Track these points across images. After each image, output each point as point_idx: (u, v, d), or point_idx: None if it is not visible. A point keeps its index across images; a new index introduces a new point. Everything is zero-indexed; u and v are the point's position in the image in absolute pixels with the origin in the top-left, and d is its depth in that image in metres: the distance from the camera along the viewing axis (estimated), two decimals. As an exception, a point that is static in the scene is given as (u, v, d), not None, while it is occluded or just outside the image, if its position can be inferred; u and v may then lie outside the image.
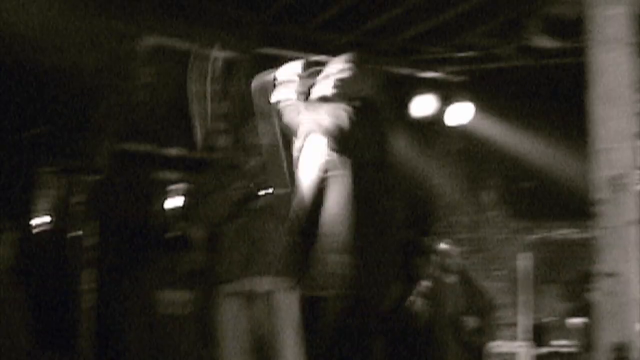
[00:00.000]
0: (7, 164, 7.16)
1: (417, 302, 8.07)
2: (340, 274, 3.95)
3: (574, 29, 7.84)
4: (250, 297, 6.53)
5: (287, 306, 5.53)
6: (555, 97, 9.49)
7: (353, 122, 4.02)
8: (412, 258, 9.33)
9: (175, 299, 6.99)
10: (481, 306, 8.12)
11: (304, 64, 4.22)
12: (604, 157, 5.25)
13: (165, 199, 7.66)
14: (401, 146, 9.63)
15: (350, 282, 3.95)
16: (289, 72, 4.24)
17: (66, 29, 6.53)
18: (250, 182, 5.48)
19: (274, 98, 4.23)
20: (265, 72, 4.32)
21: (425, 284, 8.18)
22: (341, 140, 3.99)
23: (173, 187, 7.66)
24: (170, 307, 6.94)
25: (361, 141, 4.03)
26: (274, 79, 4.25)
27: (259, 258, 6.49)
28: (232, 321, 6.80)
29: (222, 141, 4.30)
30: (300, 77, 4.23)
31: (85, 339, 7.09)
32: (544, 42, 8.24)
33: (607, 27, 5.29)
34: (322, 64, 4.31)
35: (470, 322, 7.97)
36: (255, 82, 4.33)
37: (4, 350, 6.19)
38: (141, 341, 6.78)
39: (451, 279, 8.09)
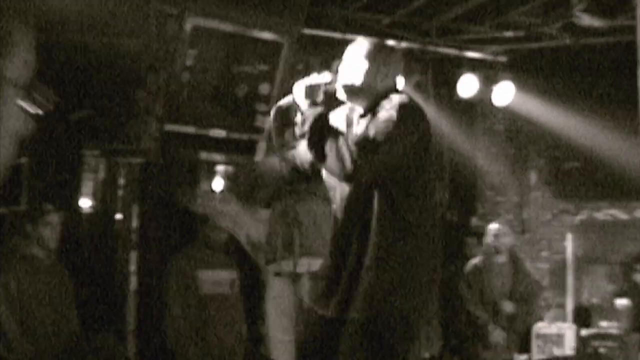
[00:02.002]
0: (53, 146, 7.21)
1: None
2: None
3: (619, 7, 7.76)
4: (294, 277, 6.57)
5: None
6: (600, 76, 9.41)
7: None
8: (460, 238, 9.33)
9: (219, 278, 7.02)
10: (528, 287, 8.09)
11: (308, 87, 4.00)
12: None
13: (210, 180, 7.69)
14: (446, 127, 9.60)
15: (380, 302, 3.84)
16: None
17: (111, 11, 6.53)
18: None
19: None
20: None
21: (473, 262, 8.17)
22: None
23: (218, 168, 7.70)
24: (214, 287, 6.97)
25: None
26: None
27: (301, 240, 6.52)
28: (277, 300, 6.85)
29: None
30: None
31: (132, 321, 7.15)
32: (589, 20, 8.14)
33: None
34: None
35: (509, 307, 7.94)
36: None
37: (52, 332, 6.25)
38: (185, 320, 6.82)
39: (501, 258, 8.07)
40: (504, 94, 9.04)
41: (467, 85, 8.91)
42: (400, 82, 4.12)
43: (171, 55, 6.86)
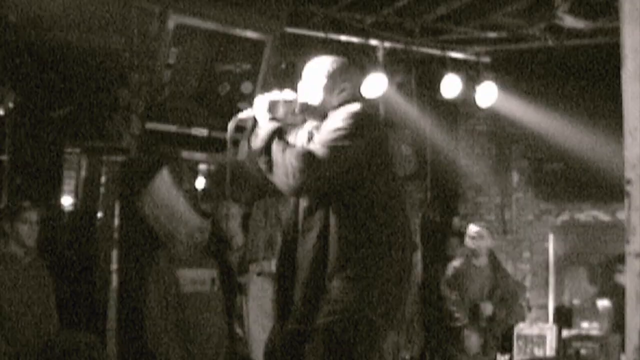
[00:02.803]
0: (34, 144, 7.18)
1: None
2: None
3: (602, 9, 7.78)
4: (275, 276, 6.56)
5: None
6: (583, 78, 9.43)
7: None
8: (442, 238, 9.34)
9: (199, 277, 6.99)
10: (508, 289, 8.11)
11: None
12: (636, 136, 5.18)
13: (192, 178, 7.67)
14: (428, 127, 9.61)
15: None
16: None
17: (93, 8, 6.51)
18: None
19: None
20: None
21: (453, 265, 8.18)
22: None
23: (200, 167, 7.68)
24: (194, 286, 6.95)
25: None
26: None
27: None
28: (257, 299, 6.85)
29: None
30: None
31: (112, 319, 7.12)
32: (572, 22, 8.15)
33: (639, 4, 5.21)
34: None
35: (489, 308, 7.95)
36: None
37: (31, 330, 6.22)
38: (166, 319, 6.79)
39: (480, 261, 8.07)
40: (487, 94, 9.05)
41: (450, 86, 8.91)
42: (358, 94, 4.16)
43: (153, 53, 6.84)
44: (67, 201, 7.64)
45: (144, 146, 7.06)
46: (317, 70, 4.08)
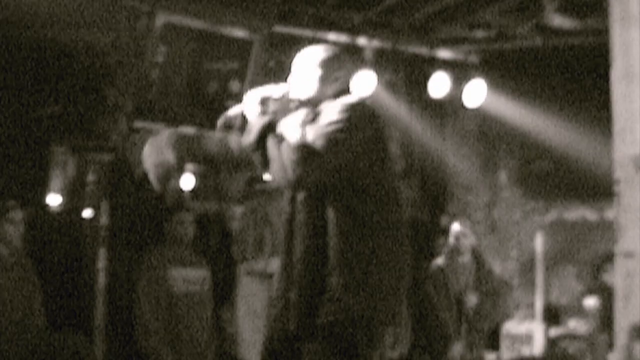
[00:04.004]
0: (20, 142, 7.15)
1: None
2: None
3: (590, 8, 7.79)
4: (265, 277, 6.55)
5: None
6: (571, 77, 9.44)
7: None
8: (427, 238, 9.34)
9: (190, 276, 6.98)
10: (491, 284, 8.11)
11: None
12: (625, 135, 5.18)
13: (180, 177, 7.65)
14: (417, 126, 9.61)
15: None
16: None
17: (80, 6, 6.49)
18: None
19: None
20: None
21: (437, 263, 8.18)
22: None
23: (187, 166, 7.65)
24: (185, 285, 6.93)
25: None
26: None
27: (272, 239, 6.50)
28: (247, 299, 6.84)
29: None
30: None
31: (100, 318, 7.10)
32: (560, 21, 8.16)
33: (629, 4, 5.21)
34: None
35: (473, 300, 7.95)
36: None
37: (18, 330, 6.19)
38: (155, 319, 6.77)
39: (464, 258, 8.07)
40: (475, 93, 9.05)
41: (439, 85, 8.91)
42: (352, 83, 4.11)
43: (141, 52, 6.82)
44: (53, 200, 7.60)
45: (131, 145, 7.04)
46: (309, 61, 4.01)
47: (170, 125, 7.15)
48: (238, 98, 7.11)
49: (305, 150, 3.68)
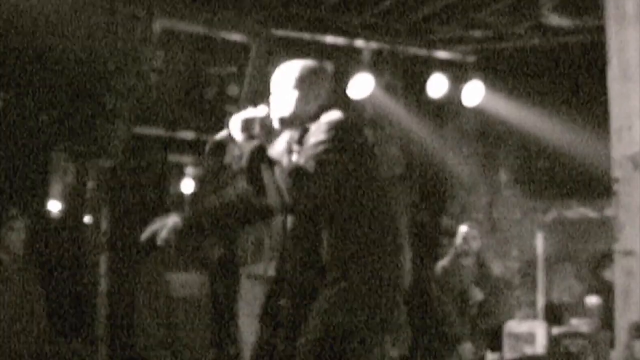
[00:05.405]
0: (20, 149, 7.15)
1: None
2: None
3: (587, 7, 7.80)
4: (265, 281, 6.54)
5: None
6: (569, 76, 9.44)
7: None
8: (429, 239, 9.34)
9: (189, 281, 6.98)
10: (490, 289, 8.13)
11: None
12: (622, 134, 5.19)
13: (179, 182, 7.66)
14: (416, 127, 9.61)
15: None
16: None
17: (79, 12, 6.49)
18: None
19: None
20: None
21: (442, 265, 8.18)
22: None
23: (187, 170, 7.66)
24: (184, 290, 6.94)
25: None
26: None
27: (272, 243, 6.49)
28: (248, 302, 6.83)
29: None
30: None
31: (101, 324, 7.10)
32: (557, 20, 8.17)
33: (625, 3, 5.22)
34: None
35: (477, 295, 7.96)
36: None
37: (20, 337, 6.19)
38: (156, 323, 6.78)
39: (468, 260, 8.08)
40: (474, 93, 9.05)
41: (437, 85, 8.91)
42: (334, 96, 4.09)
43: (139, 57, 6.83)
44: (54, 206, 7.60)
45: (130, 150, 7.05)
46: (285, 82, 3.96)
47: (169, 130, 7.17)
48: (236, 102, 7.15)
49: (298, 174, 3.67)
